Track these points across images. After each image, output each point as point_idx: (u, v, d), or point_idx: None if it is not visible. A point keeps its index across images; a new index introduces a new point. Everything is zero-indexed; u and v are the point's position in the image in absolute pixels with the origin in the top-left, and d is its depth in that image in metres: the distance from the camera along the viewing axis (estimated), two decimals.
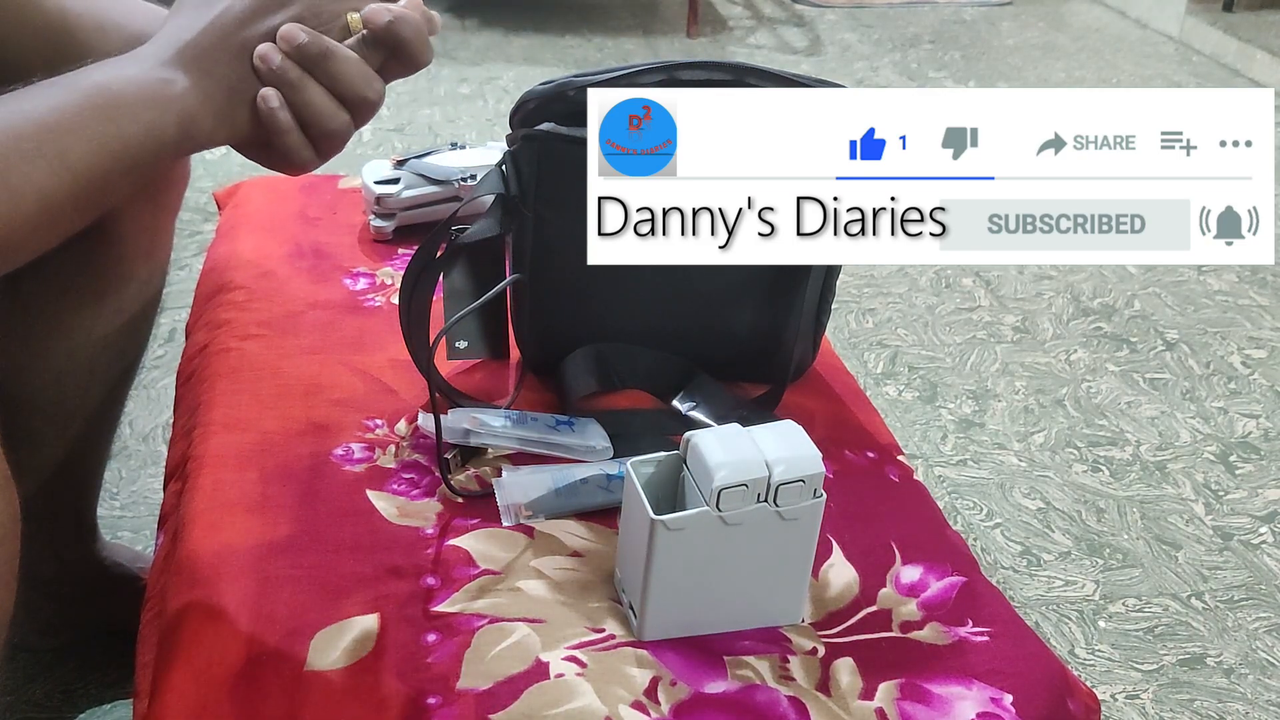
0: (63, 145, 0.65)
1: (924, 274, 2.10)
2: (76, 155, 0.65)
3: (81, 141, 0.65)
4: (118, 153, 0.67)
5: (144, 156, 0.68)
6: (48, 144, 0.64)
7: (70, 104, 0.66)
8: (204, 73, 0.70)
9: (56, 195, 0.65)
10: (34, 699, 1.18)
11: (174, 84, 0.69)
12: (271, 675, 0.69)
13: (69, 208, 0.66)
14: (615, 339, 0.94)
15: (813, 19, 3.56)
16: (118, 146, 0.67)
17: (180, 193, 1.08)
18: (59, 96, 0.67)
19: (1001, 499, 1.54)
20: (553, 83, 0.88)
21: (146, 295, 1.06)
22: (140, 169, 0.69)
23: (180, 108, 0.69)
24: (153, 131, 0.68)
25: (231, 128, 0.72)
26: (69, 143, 0.65)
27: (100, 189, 0.67)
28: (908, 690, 0.71)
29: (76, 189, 0.66)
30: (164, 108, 0.68)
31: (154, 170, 0.71)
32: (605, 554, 0.79)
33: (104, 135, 0.66)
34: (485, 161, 1.16)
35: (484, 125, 2.61)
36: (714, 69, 0.90)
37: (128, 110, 0.67)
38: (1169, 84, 3.14)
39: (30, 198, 0.64)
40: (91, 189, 0.67)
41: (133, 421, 1.57)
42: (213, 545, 0.77)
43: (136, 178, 0.70)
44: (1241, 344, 1.94)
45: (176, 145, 0.70)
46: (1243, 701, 1.26)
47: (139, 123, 0.67)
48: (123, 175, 0.68)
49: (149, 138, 0.68)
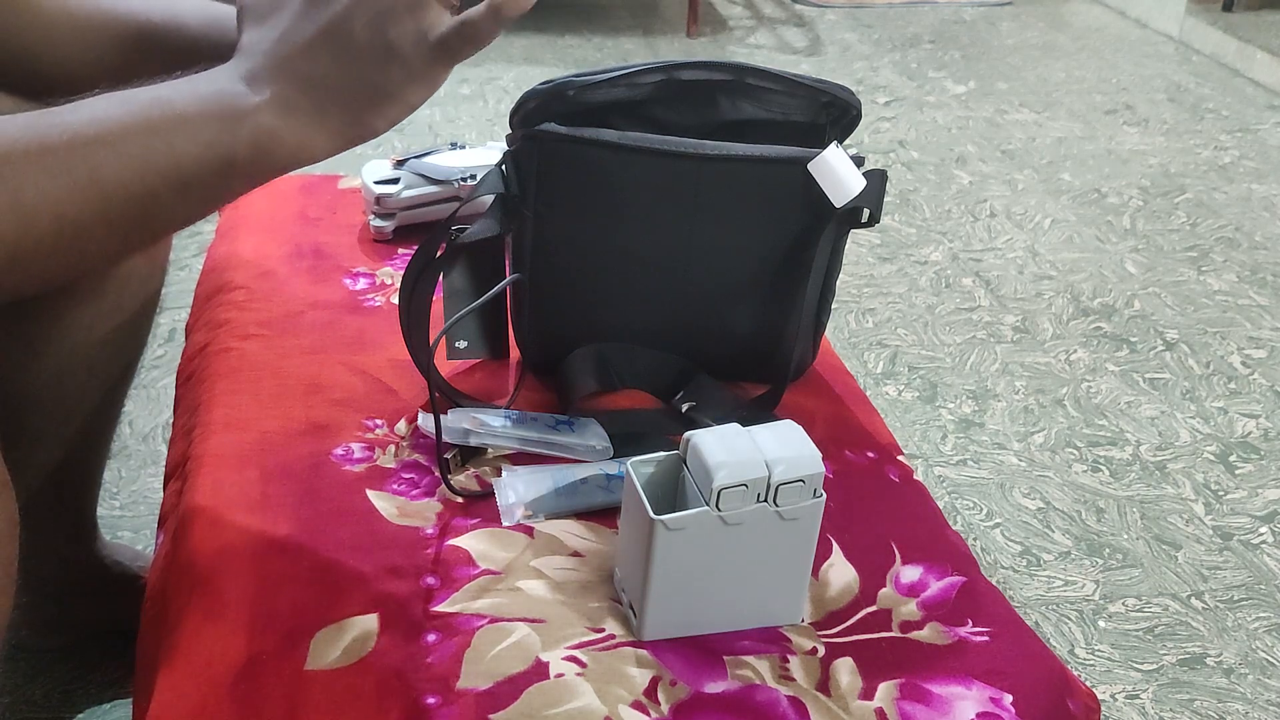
0: (94, 162, 0.60)
1: (924, 274, 2.10)
2: (110, 173, 0.60)
3: (118, 158, 0.60)
4: (165, 172, 0.62)
5: (203, 177, 0.63)
6: (77, 160, 0.59)
7: (116, 117, 0.61)
8: (288, 83, 0.64)
9: (81, 215, 0.60)
10: (34, 699, 1.18)
11: (247, 98, 0.64)
12: (271, 675, 0.69)
13: (99, 229, 0.61)
14: (615, 339, 0.94)
15: (813, 19, 3.56)
16: (166, 165, 0.62)
17: None
18: (108, 109, 0.62)
19: (1001, 499, 1.54)
20: (553, 83, 0.88)
21: (146, 294, 1.06)
22: (199, 191, 0.63)
23: (254, 124, 0.63)
24: (215, 150, 0.63)
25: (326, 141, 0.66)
26: (102, 159, 0.60)
27: (142, 211, 0.62)
28: (907, 690, 0.71)
29: (108, 210, 0.60)
30: (232, 125, 0.63)
31: (221, 194, 0.65)
32: (605, 554, 0.79)
33: (149, 152, 0.61)
34: (485, 161, 1.16)
35: (484, 125, 2.62)
36: (714, 69, 0.90)
37: (185, 126, 0.62)
38: (1169, 84, 3.14)
39: (45, 216, 0.59)
40: (130, 210, 0.61)
41: (133, 421, 1.57)
42: (213, 545, 0.77)
43: (195, 201, 0.64)
44: (1241, 344, 1.94)
45: (251, 165, 0.64)
46: (1243, 701, 1.26)
47: (197, 141, 0.62)
48: (174, 197, 0.63)
49: (210, 157, 0.63)
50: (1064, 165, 2.60)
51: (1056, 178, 2.53)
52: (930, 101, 2.93)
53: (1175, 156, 2.67)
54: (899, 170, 2.53)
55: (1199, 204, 2.44)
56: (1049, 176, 2.53)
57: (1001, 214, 2.35)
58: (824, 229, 0.90)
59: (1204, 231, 2.32)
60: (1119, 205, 2.42)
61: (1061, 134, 2.77)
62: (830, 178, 0.88)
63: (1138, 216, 2.37)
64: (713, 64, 0.90)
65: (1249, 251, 2.25)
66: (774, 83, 0.91)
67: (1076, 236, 2.27)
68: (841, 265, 0.96)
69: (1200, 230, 2.33)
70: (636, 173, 0.88)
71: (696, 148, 0.88)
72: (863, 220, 0.92)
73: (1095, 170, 2.58)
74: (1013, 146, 2.68)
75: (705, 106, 0.92)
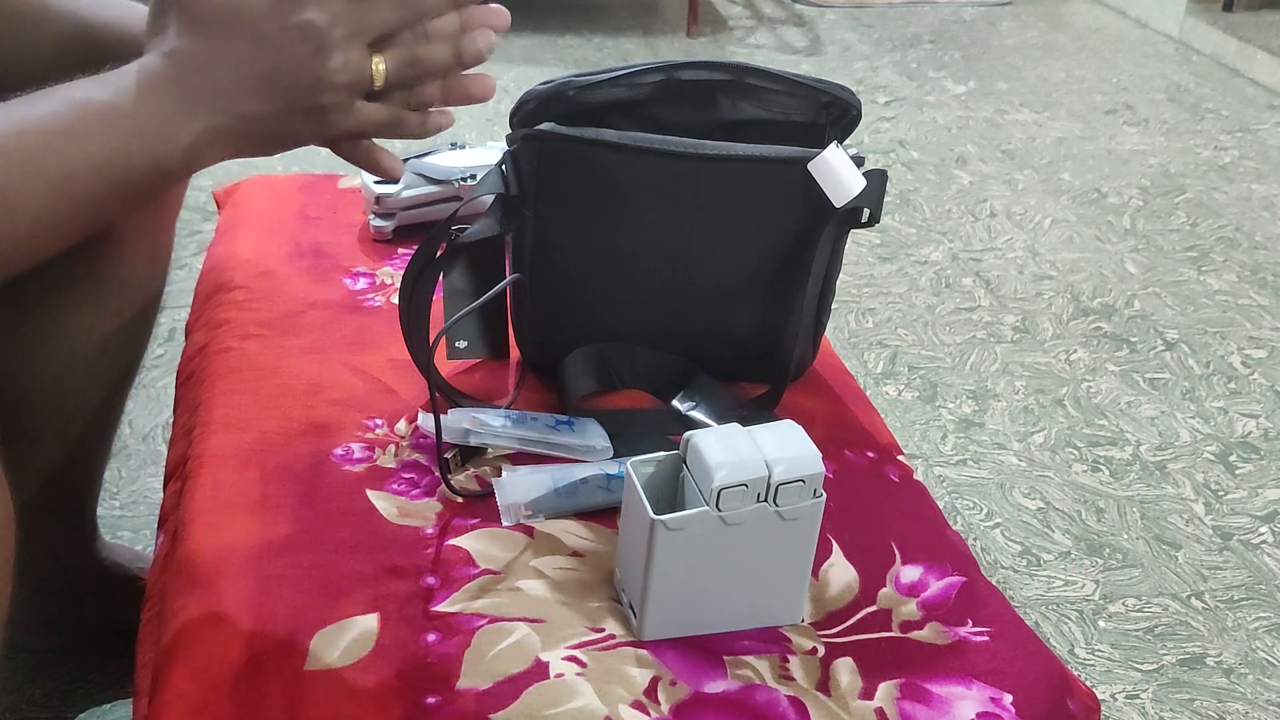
0: (65, 168, 0.65)
1: (924, 274, 2.10)
2: (78, 178, 0.65)
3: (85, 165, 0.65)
4: (117, 177, 0.67)
5: (145, 182, 0.68)
6: (50, 165, 0.64)
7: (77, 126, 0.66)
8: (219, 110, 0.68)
9: (54, 215, 0.65)
10: (34, 699, 1.18)
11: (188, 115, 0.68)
12: (271, 675, 0.69)
13: (64, 227, 0.66)
14: (615, 339, 0.94)
15: (813, 19, 3.56)
16: (119, 171, 0.67)
17: (181, 193, 1.08)
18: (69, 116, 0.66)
19: (1001, 499, 1.54)
20: (553, 83, 0.88)
21: (147, 296, 1.06)
22: (140, 194, 0.69)
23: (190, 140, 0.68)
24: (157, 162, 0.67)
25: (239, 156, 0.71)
26: (72, 166, 0.65)
27: (99, 210, 0.67)
28: (907, 690, 0.71)
29: (74, 210, 0.66)
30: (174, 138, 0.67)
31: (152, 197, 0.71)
32: (605, 554, 0.79)
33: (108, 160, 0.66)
34: (485, 161, 1.16)
35: (484, 125, 2.61)
36: (714, 69, 0.90)
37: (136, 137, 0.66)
38: (1169, 84, 3.14)
39: (23, 216, 0.64)
40: (91, 210, 0.67)
41: (133, 421, 1.57)
42: (213, 545, 0.77)
43: (136, 202, 0.70)
44: (1241, 344, 1.94)
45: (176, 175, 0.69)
46: (1243, 701, 1.26)
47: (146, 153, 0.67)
48: (122, 198, 0.68)
49: (153, 168, 0.68)
50: (1064, 165, 2.60)
51: (1056, 178, 2.53)
52: (930, 101, 2.93)
53: (1175, 156, 2.67)
54: (899, 170, 2.53)
55: (1199, 204, 2.44)
56: (1049, 176, 2.54)
57: (1001, 214, 2.35)
58: (824, 229, 0.90)
59: (1204, 231, 2.32)
60: (1119, 205, 2.42)
61: (1061, 134, 2.77)
62: (830, 178, 0.88)
63: (1138, 216, 2.37)
64: (713, 64, 0.90)
65: (1249, 251, 2.25)
66: (774, 83, 0.91)
67: (1076, 236, 2.27)
68: (841, 265, 0.96)
69: (1200, 230, 2.33)
70: (636, 173, 0.88)
71: (696, 148, 0.88)
72: (863, 220, 0.92)
73: (1095, 170, 2.58)
74: (1013, 146, 2.68)
75: (705, 106, 0.92)
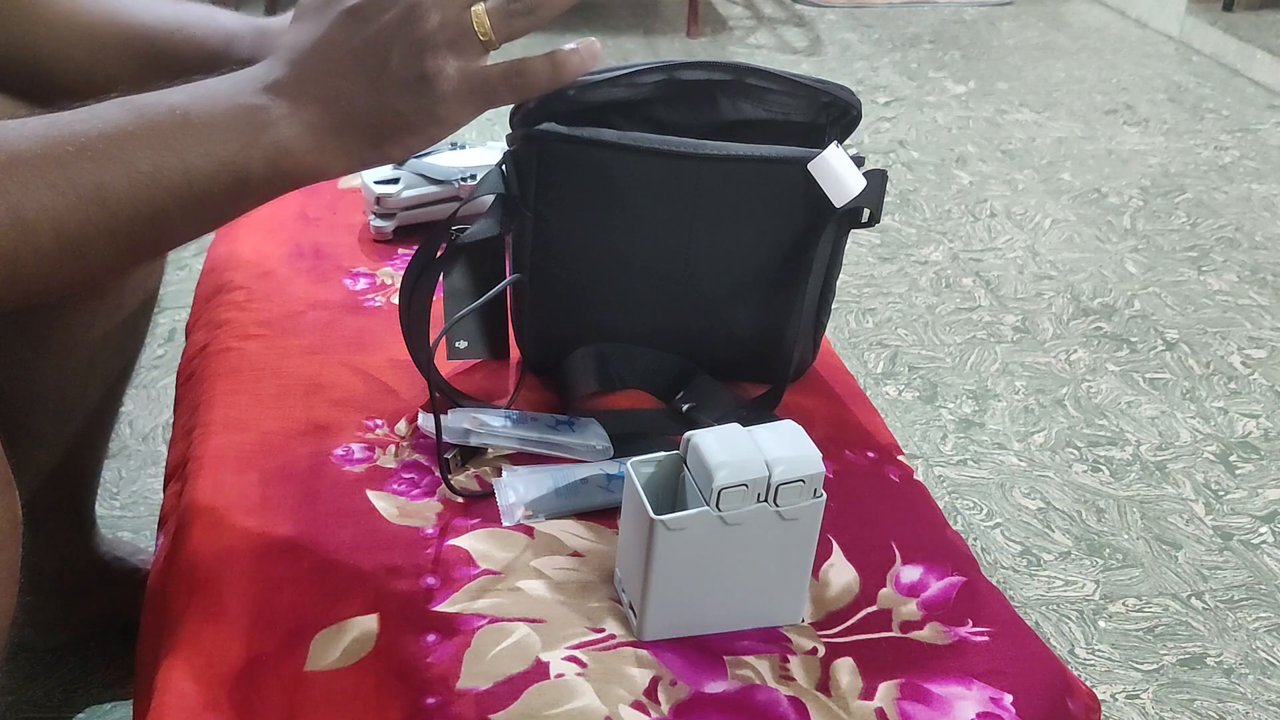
0: (101, 178, 0.58)
1: (924, 274, 2.10)
2: (118, 190, 0.58)
3: (126, 174, 0.59)
4: (175, 188, 0.60)
5: (214, 194, 0.61)
6: (84, 175, 0.58)
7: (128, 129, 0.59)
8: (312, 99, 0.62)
9: (84, 231, 0.58)
10: (34, 699, 1.18)
11: (267, 112, 0.61)
12: (271, 675, 0.69)
13: (102, 244, 0.59)
14: (615, 339, 0.94)
15: (813, 19, 3.56)
16: (177, 182, 0.60)
17: None
18: (120, 119, 0.60)
19: (1001, 499, 1.54)
20: None
21: (145, 292, 1.06)
22: (210, 208, 0.62)
23: (272, 141, 0.61)
24: (229, 168, 0.61)
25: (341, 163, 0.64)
26: (109, 175, 0.58)
27: (149, 226, 0.60)
28: (908, 690, 0.71)
29: (114, 226, 0.59)
30: (249, 141, 0.61)
31: (231, 210, 0.64)
32: (605, 554, 0.79)
33: (159, 169, 0.59)
34: (485, 161, 1.16)
35: (484, 125, 2.61)
36: (714, 69, 0.90)
37: (200, 141, 0.60)
38: (1169, 84, 3.14)
39: (47, 231, 0.57)
40: (136, 227, 0.60)
41: (133, 421, 1.57)
42: (213, 546, 0.77)
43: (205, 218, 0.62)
44: (1241, 344, 1.94)
45: (265, 183, 0.63)
46: (1243, 701, 1.26)
47: (211, 158, 0.60)
48: (184, 213, 0.61)
49: (224, 174, 0.61)
50: (1064, 165, 2.60)
51: (1056, 178, 2.53)
52: (930, 101, 2.93)
53: (1175, 156, 2.67)
54: (899, 170, 2.53)
55: (1199, 204, 2.44)
56: (1049, 176, 2.54)
57: (1001, 214, 2.35)
58: (824, 229, 0.90)
59: (1204, 231, 2.32)
60: (1119, 205, 2.42)
61: (1061, 134, 2.77)
62: (830, 178, 0.88)
63: (1138, 216, 2.37)
64: (713, 64, 0.90)
65: (1249, 251, 2.25)
66: (774, 83, 0.91)
67: (1076, 236, 2.27)
68: (841, 265, 0.96)
69: (1200, 230, 2.33)
70: (637, 173, 0.88)
71: (696, 148, 0.88)
72: (863, 220, 0.92)
73: (1095, 170, 2.58)
74: (1013, 146, 2.68)
75: (705, 106, 0.92)
